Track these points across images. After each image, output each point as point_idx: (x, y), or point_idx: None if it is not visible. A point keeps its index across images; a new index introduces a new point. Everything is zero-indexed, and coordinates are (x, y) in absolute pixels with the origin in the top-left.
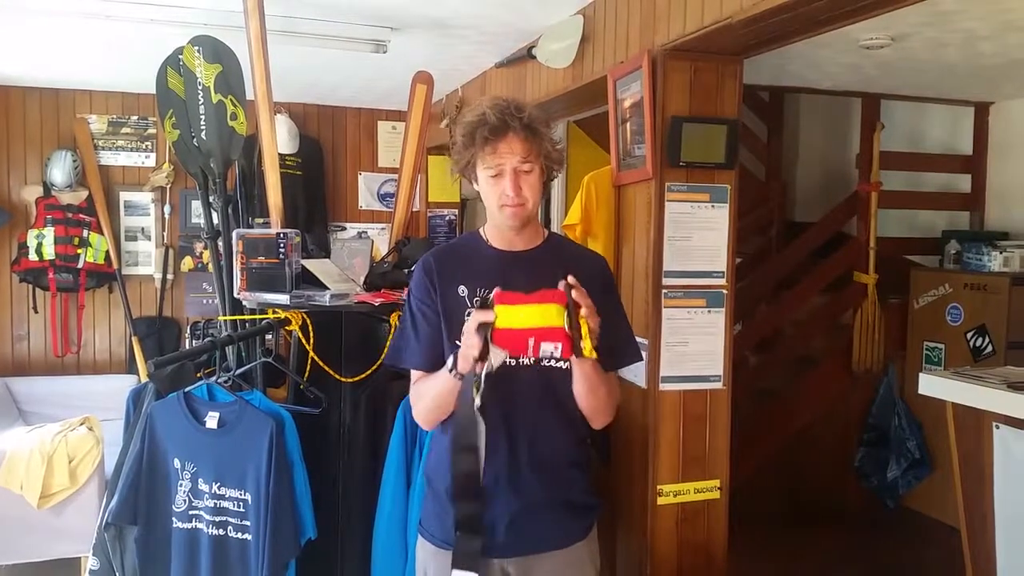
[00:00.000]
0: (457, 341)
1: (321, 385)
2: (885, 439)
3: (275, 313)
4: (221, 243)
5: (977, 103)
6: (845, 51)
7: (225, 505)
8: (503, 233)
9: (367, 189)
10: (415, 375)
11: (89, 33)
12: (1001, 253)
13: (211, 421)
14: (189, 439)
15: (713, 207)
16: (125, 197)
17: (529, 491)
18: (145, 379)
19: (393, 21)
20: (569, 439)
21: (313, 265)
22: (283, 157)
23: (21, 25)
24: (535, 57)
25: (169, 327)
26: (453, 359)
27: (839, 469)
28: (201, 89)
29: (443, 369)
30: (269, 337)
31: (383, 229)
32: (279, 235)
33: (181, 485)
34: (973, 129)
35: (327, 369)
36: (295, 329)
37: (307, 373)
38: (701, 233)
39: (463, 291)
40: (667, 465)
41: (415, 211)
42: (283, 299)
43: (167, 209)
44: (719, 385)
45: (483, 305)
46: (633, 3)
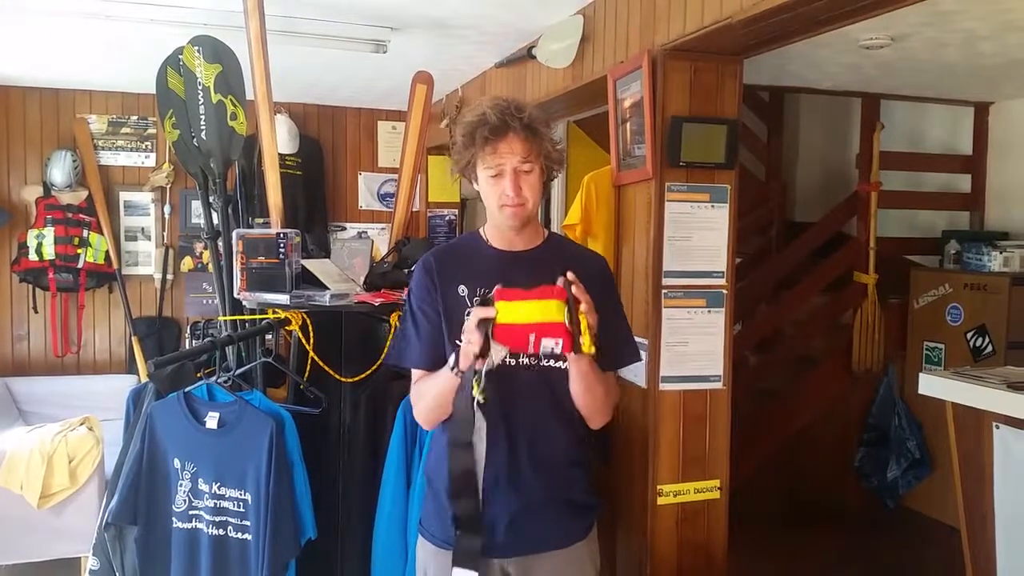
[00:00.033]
0: (458, 340)
1: (321, 385)
2: (885, 439)
3: (275, 313)
4: (221, 243)
5: (977, 103)
6: (845, 51)
7: (225, 505)
8: (503, 233)
9: (367, 189)
10: (416, 375)
11: (89, 33)
12: (1001, 253)
13: (211, 421)
14: (189, 439)
15: (713, 207)
16: (125, 197)
17: (529, 491)
18: (145, 379)
19: (393, 21)
20: (569, 439)
21: (313, 265)
22: (283, 157)
23: (21, 25)
24: (535, 57)
25: (169, 327)
26: (455, 357)
27: (839, 469)
28: (201, 89)
29: (444, 368)
30: (269, 337)
31: (383, 229)
32: (279, 235)
33: (181, 485)
34: (973, 129)
35: (327, 369)
36: (295, 329)
37: (307, 373)
38: (701, 233)
39: (463, 291)
40: (667, 465)
41: (415, 211)
42: (283, 299)
43: (167, 209)
44: (719, 385)
45: (483, 302)
46: (633, 3)
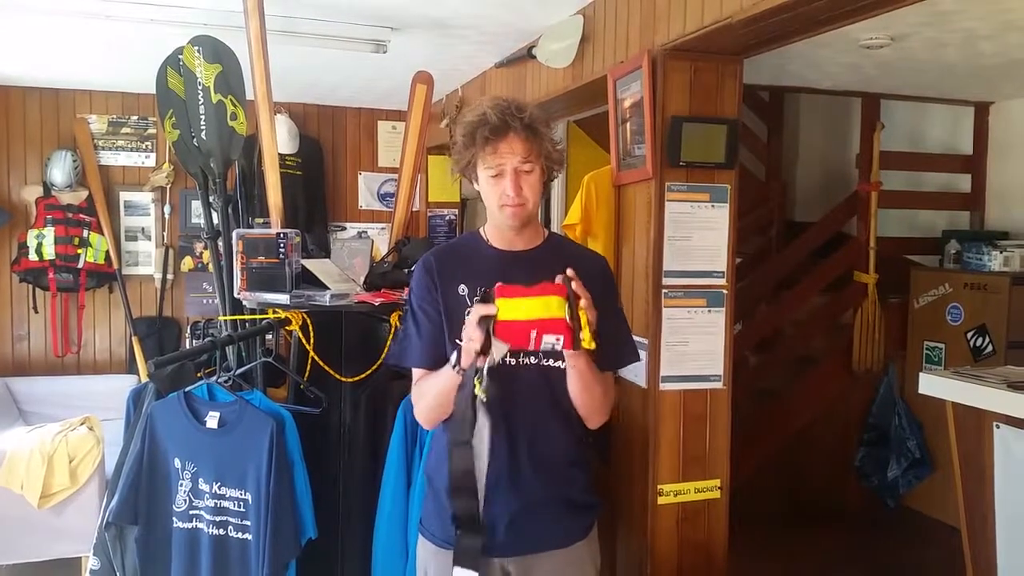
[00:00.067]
0: (458, 340)
1: (321, 385)
2: (885, 439)
3: (275, 313)
4: (221, 243)
5: (977, 103)
6: (845, 51)
7: (225, 505)
8: (503, 233)
9: (367, 189)
10: (417, 374)
11: (89, 33)
12: (1001, 253)
13: (211, 421)
14: (189, 439)
15: (713, 207)
16: (125, 197)
17: (529, 490)
18: (145, 379)
19: (393, 21)
20: (569, 439)
21: (313, 265)
22: (283, 157)
23: (21, 25)
24: (535, 57)
25: (169, 327)
26: (456, 355)
27: (839, 469)
28: (201, 89)
29: (445, 367)
30: (269, 337)
31: (383, 229)
32: (279, 235)
33: (181, 485)
34: (973, 129)
35: (327, 369)
36: (295, 329)
37: (307, 373)
38: (701, 233)
39: (463, 290)
40: (667, 465)
41: (415, 211)
42: (283, 299)
43: (167, 209)
44: (719, 385)
45: (484, 299)
46: (633, 3)
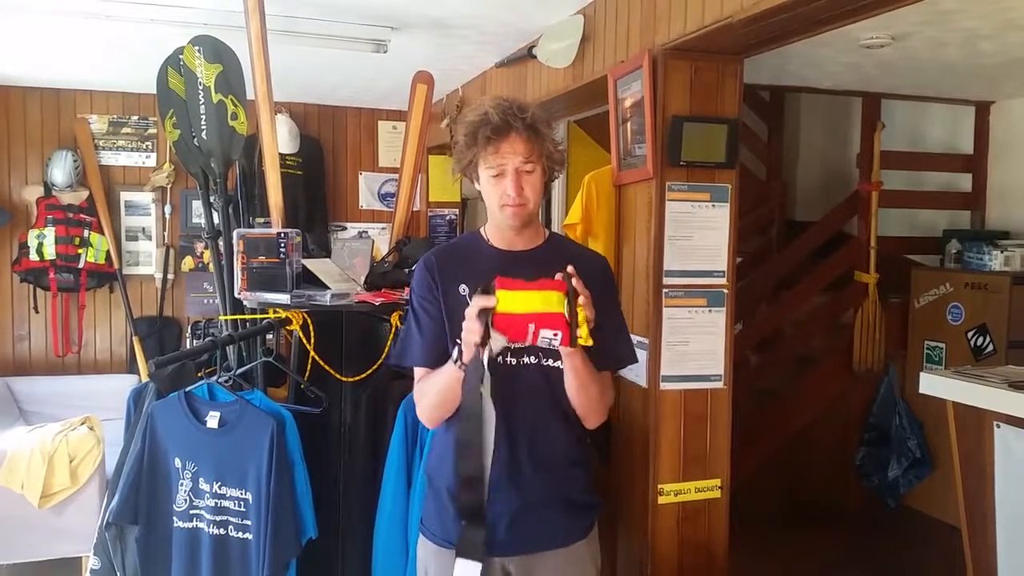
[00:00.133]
0: (459, 339)
1: (322, 384)
2: (886, 438)
3: (276, 313)
4: (222, 243)
5: (978, 102)
6: (845, 50)
7: (226, 505)
8: (504, 233)
9: (367, 189)
10: (419, 373)
11: (89, 33)
12: (1002, 252)
13: (212, 421)
14: (190, 439)
15: (714, 206)
16: (126, 197)
17: (530, 490)
18: (146, 379)
19: (393, 21)
20: (569, 438)
21: (314, 265)
22: (284, 157)
23: (21, 25)
24: (535, 57)
25: (170, 327)
26: (457, 351)
27: (839, 469)
28: (202, 89)
29: (447, 364)
30: (270, 337)
31: (383, 229)
32: (280, 235)
33: (182, 484)
34: (974, 128)
35: (328, 369)
36: (296, 329)
37: (308, 373)
38: (702, 232)
39: (464, 290)
40: (668, 464)
41: (415, 211)
42: (284, 299)
43: (168, 209)
44: (720, 384)
45: (485, 290)
46: (633, 3)
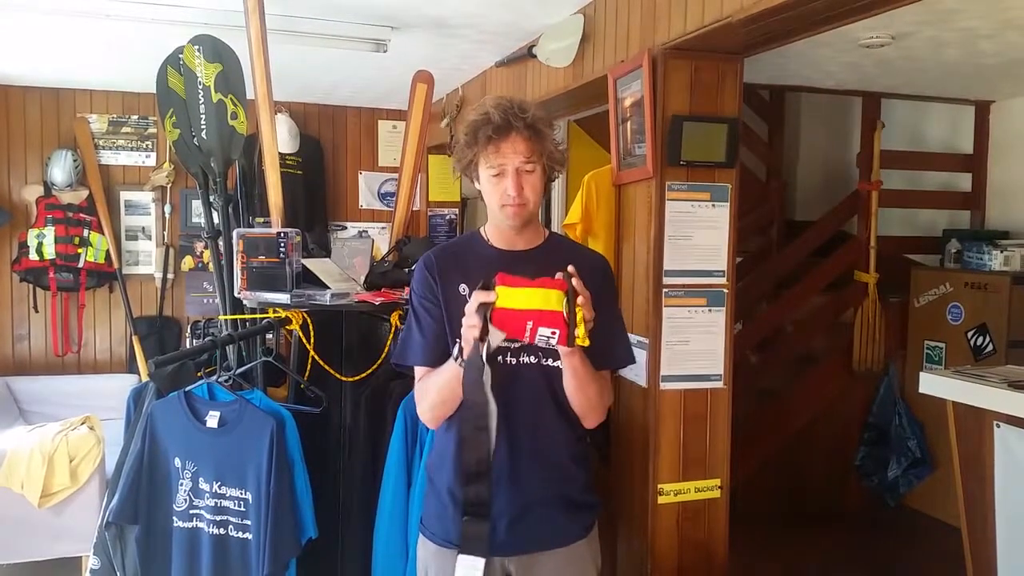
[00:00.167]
0: (459, 337)
1: (321, 384)
2: (886, 438)
3: (276, 312)
4: (222, 242)
5: (978, 102)
6: (845, 50)
7: (226, 504)
8: (504, 232)
9: (367, 188)
10: (419, 372)
11: (89, 33)
12: (1002, 252)
13: (212, 420)
14: (190, 438)
15: (714, 206)
16: (125, 196)
17: (530, 489)
18: (146, 378)
19: (393, 20)
20: (569, 438)
21: (314, 264)
22: (283, 156)
23: (21, 25)
24: (535, 56)
25: (170, 326)
26: (458, 349)
27: (839, 469)
28: (201, 88)
29: (448, 361)
30: (270, 336)
31: (383, 228)
32: (279, 234)
33: (182, 484)
34: (974, 128)
35: (328, 368)
36: (295, 328)
37: (307, 372)
38: (702, 232)
39: (463, 289)
40: (668, 464)
41: (415, 210)
42: (283, 298)
43: (167, 208)
44: (720, 384)
45: (485, 286)
46: (633, 2)
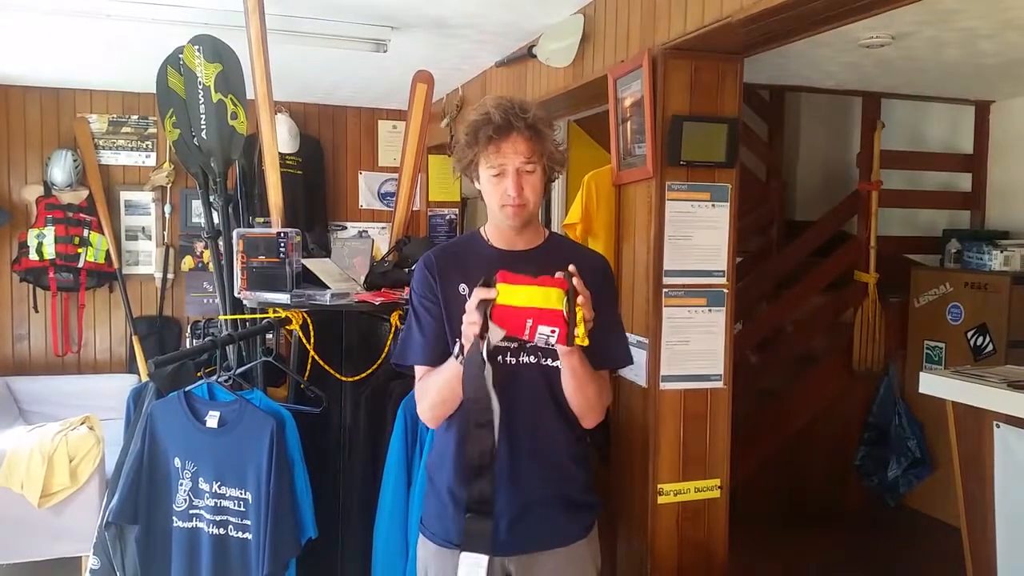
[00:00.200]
0: (459, 336)
1: (321, 384)
2: (886, 438)
3: (276, 312)
4: (222, 242)
5: (978, 102)
6: (845, 50)
7: (226, 504)
8: (504, 232)
9: (367, 188)
10: (420, 371)
11: (89, 33)
12: (1002, 252)
13: (212, 420)
14: (190, 438)
15: (714, 206)
16: (125, 196)
17: (530, 489)
18: (146, 378)
19: (393, 20)
20: (569, 438)
21: (314, 264)
22: (283, 156)
23: (21, 25)
24: (535, 56)
25: (170, 326)
26: (459, 347)
27: (839, 469)
28: (201, 88)
29: (448, 360)
30: (270, 336)
31: (383, 228)
32: (279, 234)
33: (182, 484)
34: (974, 128)
35: (328, 368)
36: (295, 328)
37: (307, 372)
38: (702, 232)
39: (463, 289)
40: (667, 464)
41: (415, 210)
42: (283, 298)
43: (167, 208)
44: (720, 384)
45: (486, 283)
46: (633, 2)
